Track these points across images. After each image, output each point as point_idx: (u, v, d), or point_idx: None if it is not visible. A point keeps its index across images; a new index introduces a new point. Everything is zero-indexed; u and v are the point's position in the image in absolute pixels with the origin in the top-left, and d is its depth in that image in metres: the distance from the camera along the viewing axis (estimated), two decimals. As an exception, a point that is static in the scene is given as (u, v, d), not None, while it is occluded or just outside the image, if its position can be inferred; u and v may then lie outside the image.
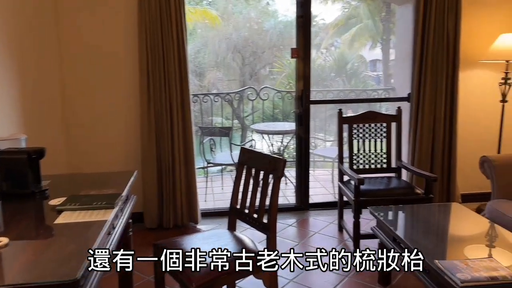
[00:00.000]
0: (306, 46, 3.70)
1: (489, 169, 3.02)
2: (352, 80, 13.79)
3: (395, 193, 3.01)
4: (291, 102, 5.66)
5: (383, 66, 14.12)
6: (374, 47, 14.35)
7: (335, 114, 3.53)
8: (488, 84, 3.81)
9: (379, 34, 13.67)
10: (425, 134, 3.65)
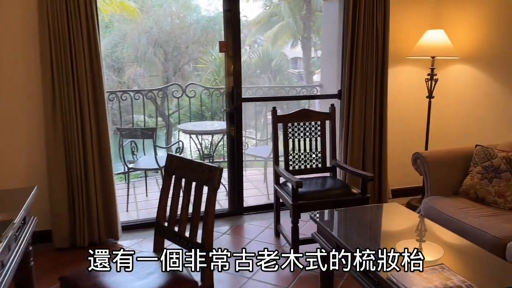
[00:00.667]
0: (235, 41, 3.44)
1: (422, 166, 3.01)
2: (277, 77, 13.90)
3: (333, 194, 2.88)
4: (220, 100, 5.38)
5: (304, 63, 14.44)
6: (295, 45, 14.64)
7: (261, 111, 3.32)
8: (415, 80, 3.87)
9: (299, 32, 13.95)
10: (356, 132, 3.59)
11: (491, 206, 2.69)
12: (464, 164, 2.97)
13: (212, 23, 12.24)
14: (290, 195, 2.86)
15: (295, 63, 15.70)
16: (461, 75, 3.58)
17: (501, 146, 2.95)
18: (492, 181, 2.73)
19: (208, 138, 5.54)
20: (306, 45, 14.15)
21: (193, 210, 1.80)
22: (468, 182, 2.87)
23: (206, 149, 5.18)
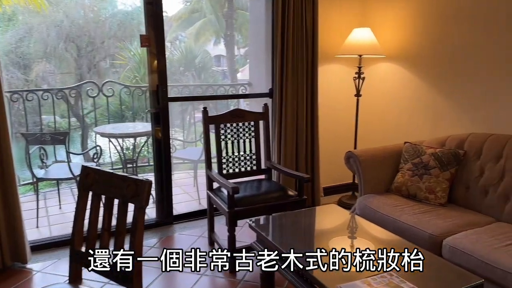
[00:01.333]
0: (159, 35, 3.14)
1: (355, 164, 2.99)
2: (201, 75, 13.60)
3: (270, 198, 2.73)
4: (142, 99, 4.99)
5: (228, 61, 14.34)
6: (218, 43, 14.47)
7: (186, 111, 3.08)
8: (344, 79, 3.88)
9: (222, 30, 13.81)
10: (289, 131, 3.51)
11: (422, 203, 2.74)
12: (395, 161, 3.01)
13: (130, 17, 11.59)
14: (225, 201, 2.67)
15: (218, 61, 15.51)
16: (387, 73, 3.65)
17: (427, 142, 3.03)
18: (423, 177, 2.79)
19: (130, 141, 5.12)
20: (230, 43, 14.05)
21: (117, 233, 1.52)
22: (399, 179, 2.90)
23: (128, 152, 4.77)
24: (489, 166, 2.63)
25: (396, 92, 3.58)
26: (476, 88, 2.96)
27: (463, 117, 3.06)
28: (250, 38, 4.70)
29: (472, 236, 2.22)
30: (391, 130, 3.65)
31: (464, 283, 1.63)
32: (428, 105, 3.32)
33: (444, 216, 2.49)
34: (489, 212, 2.56)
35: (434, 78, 3.25)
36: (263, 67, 3.88)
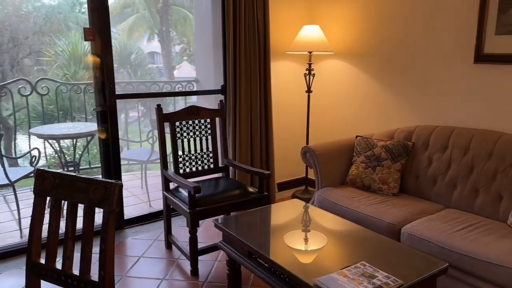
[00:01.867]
0: (104, 28, 2.95)
1: (312, 159, 3.04)
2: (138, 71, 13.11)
3: (231, 196, 2.68)
4: (81, 97, 4.67)
5: (164, 58, 13.99)
6: (152, 39, 14.06)
7: (123, 110, 2.94)
8: (295, 75, 3.92)
9: (156, 26, 13.45)
10: (243, 127, 3.48)
11: (377, 193, 2.85)
12: (348, 154, 3.10)
13: (56, 11, 10.89)
14: (185, 202, 2.57)
15: (152, 58, 15.04)
16: (336, 70, 3.75)
17: (377, 135, 3.16)
18: (376, 169, 2.90)
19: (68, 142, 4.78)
20: (165, 40, 13.71)
21: (84, 240, 1.39)
22: (354, 171, 2.99)
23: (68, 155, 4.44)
24: (437, 156, 2.80)
25: (345, 88, 3.69)
26: (421, 83, 3.13)
27: (409, 110, 3.23)
28: (196, 35, 4.61)
29: (427, 223, 2.34)
30: (342, 125, 3.76)
31: (432, 268, 1.71)
32: (376, 99, 3.46)
33: (399, 205, 2.61)
34: (438, 199, 2.73)
35: (381, 74, 3.40)
36: (211, 64, 3.82)
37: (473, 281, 2.04)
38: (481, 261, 1.97)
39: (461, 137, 2.72)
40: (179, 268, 2.69)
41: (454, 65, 2.89)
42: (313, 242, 1.99)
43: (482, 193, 2.52)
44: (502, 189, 2.43)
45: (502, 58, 2.60)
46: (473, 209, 2.54)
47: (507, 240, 2.08)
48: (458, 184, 2.65)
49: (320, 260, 1.84)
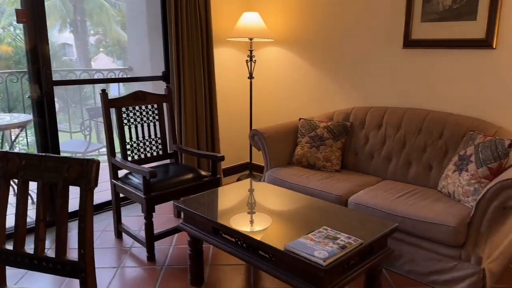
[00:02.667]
0: (39, 9, 2.76)
1: (260, 141, 3.14)
2: (53, 63, 12.21)
3: (185, 180, 2.69)
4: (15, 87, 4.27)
5: (78, 50, 13.20)
6: (64, 30, 13.19)
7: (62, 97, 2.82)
8: (237, 62, 3.99)
9: (69, 15, 12.64)
10: (189, 113, 3.48)
11: (321, 170, 3.04)
12: (293, 136, 3.26)
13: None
14: (138, 188, 2.53)
15: (63, 50, 14.04)
16: (277, 56, 3.88)
17: (318, 117, 3.36)
18: (319, 148, 3.09)
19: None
20: (80, 30, 12.93)
21: (59, 221, 1.34)
22: (299, 151, 3.15)
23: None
24: (373, 134, 3.07)
25: (286, 73, 3.85)
26: (356, 67, 3.38)
27: (346, 93, 3.47)
28: (129, 24, 4.48)
29: (370, 193, 2.57)
30: (284, 109, 3.91)
31: (384, 228, 1.91)
32: (315, 84, 3.66)
33: (343, 180, 2.82)
34: (376, 173, 2.99)
35: (319, 60, 3.60)
36: (147, 51, 3.76)
37: (415, 241, 2.29)
38: (421, 222, 2.22)
39: (393, 115, 3.01)
40: (133, 256, 2.64)
41: (385, 50, 3.17)
42: (275, 214, 2.10)
43: (414, 164, 2.82)
44: (431, 160, 2.75)
45: (427, 43, 2.91)
46: (407, 179, 2.83)
47: (441, 203, 2.36)
48: (393, 158, 2.94)
49: (284, 229, 1.95)
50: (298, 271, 1.68)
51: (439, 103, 2.93)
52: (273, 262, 1.80)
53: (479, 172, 2.29)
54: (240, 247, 1.95)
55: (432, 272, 2.26)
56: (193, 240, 2.22)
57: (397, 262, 2.40)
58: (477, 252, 2.10)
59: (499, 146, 2.27)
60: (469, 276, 2.12)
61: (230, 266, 2.50)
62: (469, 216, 2.14)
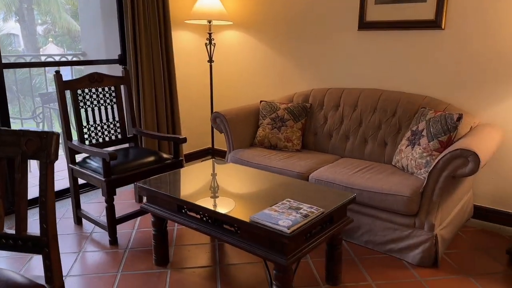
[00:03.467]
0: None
1: (222, 124, 3.15)
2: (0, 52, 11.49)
3: (147, 163, 2.66)
4: None
5: (25, 40, 12.53)
6: (9, 19, 12.46)
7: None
8: (196, 45, 3.95)
9: (14, 4, 11.94)
10: (148, 97, 3.42)
11: (283, 150, 3.10)
12: (255, 118, 3.29)
13: None
14: (98, 171, 2.47)
15: (9, 39, 13.26)
16: (236, 39, 3.88)
17: (279, 99, 3.41)
18: (281, 129, 3.14)
19: None
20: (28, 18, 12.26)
21: (18, 196, 1.29)
22: (261, 133, 3.20)
23: None
24: (331, 114, 3.16)
25: (246, 57, 3.86)
26: (314, 50, 3.45)
27: (305, 76, 3.54)
28: (82, 8, 4.32)
29: (329, 169, 2.66)
30: (244, 93, 3.93)
31: (344, 198, 1.99)
32: (274, 67, 3.70)
33: (304, 158, 2.90)
34: (334, 151, 3.09)
35: (278, 43, 3.64)
36: (101, 35, 3.65)
37: (372, 212, 2.40)
38: (378, 193, 2.33)
39: (350, 96, 3.11)
40: (94, 241, 2.58)
41: (342, 33, 3.26)
42: (239, 190, 2.12)
43: (370, 141, 2.94)
44: (386, 137, 2.87)
45: (381, 25, 3.02)
46: (364, 156, 2.95)
47: (395, 176, 2.49)
48: (350, 136, 3.04)
49: (248, 204, 1.98)
50: (264, 240, 1.73)
51: (392, 83, 3.07)
52: (239, 235, 1.83)
53: (430, 145, 2.43)
54: (206, 222, 1.97)
55: (388, 241, 2.38)
56: (157, 220, 2.21)
57: (355, 233, 2.51)
58: (430, 220, 2.24)
59: (448, 120, 2.42)
60: (423, 242, 2.26)
61: (195, 245, 2.51)
62: (422, 186, 2.28)
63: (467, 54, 2.73)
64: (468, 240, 2.58)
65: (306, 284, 2.11)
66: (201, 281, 2.14)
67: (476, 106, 2.75)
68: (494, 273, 2.21)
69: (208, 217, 1.94)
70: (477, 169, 2.10)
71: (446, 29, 2.78)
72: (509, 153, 2.67)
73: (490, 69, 2.66)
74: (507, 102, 2.63)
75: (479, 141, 2.25)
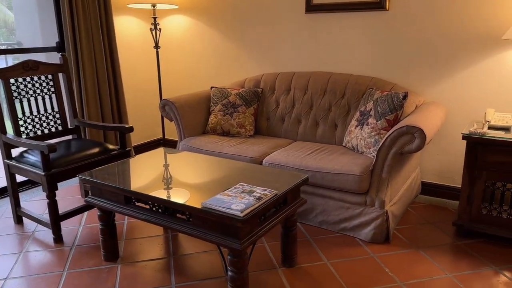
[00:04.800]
0: None
1: (172, 111, 3.04)
2: None
3: (91, 155, 2.51)
4: None
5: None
6: None
7: None
8: (141, 31, 3.78)
9: None
10: (90, 86, 3.24)
11: (236, 137, 3.05)
12: (206, 104, 3.21)
13: None
14: (37, 166, 2.30)
15: None
16: (183, 24, 3.75)
17: (230, 85, 3.35)
18: (233, 115, 3.09)
19: None
20: None
21: None
22: (213, 120, 3.12)
23: None
24: (282, 98, 3.14)
25: (194, 42, 3.75)
26: (263, 34, 3.40)
27: (256, 60, 3.49)
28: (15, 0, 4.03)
29: (282, 153, 2.64)
30: (194, 79, 3.82)
31: (296, 179, 1.97)
32: (224, 52, 3.62)
33: (257, 144, 2.86)
34: (287, 135, 3.09)
35: (227, 28, 3.56)
36: (37, 23, 3.41)
37: (325, 192, 2.42)
38: (330, 173, 2.35)
39: (300, 79, 3.11)
40: (37, 240, 2.41)
41: (290, 16, 3.23)
42: (190, 178, 2.05)
43: (321, 124, 2.96)
44: (336, 119, 2.90)
45: (328, 7, 3.03)
46: (315, 138, 2.97)
47: (346, 156, 2.51)
48: (302, 120, 3.05)
49: (200, 189, 1.92)
50: (217, 226, 1.68)
51: (341, 65, 3.09)
52: (191, 223, 1.77)
53: (378, 124, 2.48)
54: (156, 212, 1.88)
55: (341, 220, 2.41)
56: (103, 213, 2.09)
57: (310, 215, 2.52)
58: (380, 197, 2.28)
59: (394, 98, 2.47)
60: (375, 219, 2.30)
61: (147, 238, 2.42)
62: (371, 164, 2.32)
63: (411, 34, 2.80)
64: (417, 215, 2.67)
65: (262, 267, 2.09)
66: (154, 273, 2.06)
67: (421, 85, 2.83)
68: (442, 245, 2.30)
69: (158, 206, 1.86)
70: (423, 145, 2.16)
71: (390, 10, 2.83)
72: (452, 130, 2.79)
73: (433, 49, 2.75)
74: (450, 80, 2.73)
75: (424, 118, 2.32)
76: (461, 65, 2.67)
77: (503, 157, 2.18)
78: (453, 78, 2.72)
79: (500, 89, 2.58)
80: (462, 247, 2.27)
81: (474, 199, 2.30)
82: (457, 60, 2.68)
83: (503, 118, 2.39)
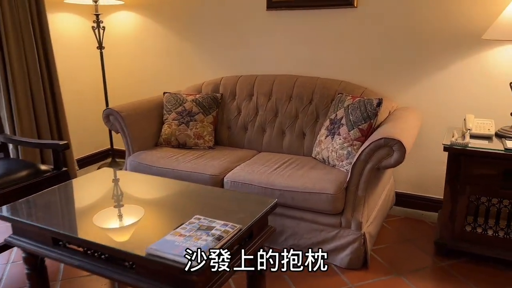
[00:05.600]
0: None
1: (117, 122, 2.66)
2: None
3: (17, 179, 2.10)
4: None
5: None
6: None
7: None
8: (82, 30, 3.35)
9: None
10: (21, 97, 2.80)
11: (193, 149, 2.72)
12: (158, 113, 2.85)
13: None
14: None
15: None
16: (131, 22, 3.36)
17: (185, 90, 3.01)
18: (189, 124, 2.75)
19: None
20: None
21: None
22: (167, 130, 2.77)
23: None
24: (245, 104, 2.83)
25: (143, 42, 3.36)
26: (222, 35, 3.08)
27: (214, 63, 3.16)
28: None
29: (246, 169, 2.34)
30: (146, 84, 3.44)
31: (263, 207, 1.67)
32: (178, 54, 3.27)
33: (217, 157, 2.54)
34: (251, 146, 2.79)
35: (181, 27, 3.20)
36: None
37: (295, 213, 2.14)
38: (300, 193, 2.07)
39: (263, 83, 2.81)
40: (-49, 287, 1.99)
41: (250, 14, 2.93)
42: (133, 211, 1.70)
43: (288, 133, 2.68)
44: (304, 127, 2.63)
45: (291, 4, 2.75)
46: (282, 149, 2.68)
47: (317, 170, 2.24)
48: (266, 128, 2.76)
49: (146, 227, 1.58)
50: (166, 277, 1.35)
51: (307, 67, 2.83)
52: (135, 271, 1.42)
53: (350, 134, 2.23)
54: (91, 257, 1.52)
55: (314, 244, 2.14)
56: (28, 256, 1.71)
57: (279, 238, 2.24)
58: (357, 218, 2.03)
59: (368, 106, 2.23)
60: (351, 242, 2.05)
61: (88, 277, 2.04)
62: (345, 181, 2.06)
63: (381, 34, 2.57)
64: (394, 231, 2.46)
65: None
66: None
67: (393, 89, 2.62)
68: (424, 268, 2.08)
69: (94, 251, 1.51)
70: (403, 159, 1.93)
71: (358, 6, 2.58)
72: (426, 137, 2.59)
73: (405, 49, 2.53)
74: (425, 83, 2.53)
75: (401, 127, 2.09)
76: (437, 66, 2.47)
77: (488, 170, 1.98)
78: (428, 81, 2.51)
79: (479, 91, 2.40)
80: (446, 269, 2.06)
81: (457, 215, 2.10)
82: (433, 62, 2.48)
83: (484, 125, 2.20)
